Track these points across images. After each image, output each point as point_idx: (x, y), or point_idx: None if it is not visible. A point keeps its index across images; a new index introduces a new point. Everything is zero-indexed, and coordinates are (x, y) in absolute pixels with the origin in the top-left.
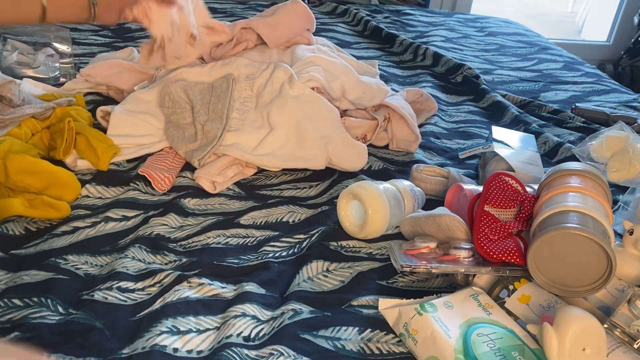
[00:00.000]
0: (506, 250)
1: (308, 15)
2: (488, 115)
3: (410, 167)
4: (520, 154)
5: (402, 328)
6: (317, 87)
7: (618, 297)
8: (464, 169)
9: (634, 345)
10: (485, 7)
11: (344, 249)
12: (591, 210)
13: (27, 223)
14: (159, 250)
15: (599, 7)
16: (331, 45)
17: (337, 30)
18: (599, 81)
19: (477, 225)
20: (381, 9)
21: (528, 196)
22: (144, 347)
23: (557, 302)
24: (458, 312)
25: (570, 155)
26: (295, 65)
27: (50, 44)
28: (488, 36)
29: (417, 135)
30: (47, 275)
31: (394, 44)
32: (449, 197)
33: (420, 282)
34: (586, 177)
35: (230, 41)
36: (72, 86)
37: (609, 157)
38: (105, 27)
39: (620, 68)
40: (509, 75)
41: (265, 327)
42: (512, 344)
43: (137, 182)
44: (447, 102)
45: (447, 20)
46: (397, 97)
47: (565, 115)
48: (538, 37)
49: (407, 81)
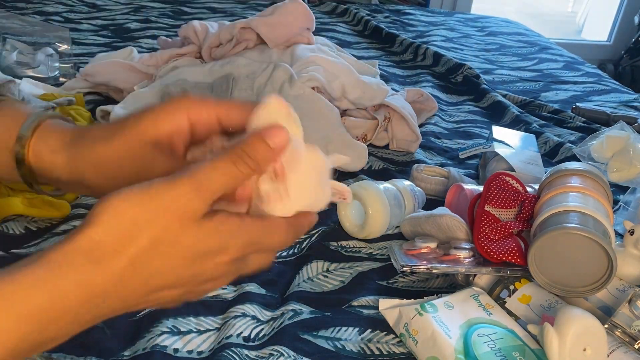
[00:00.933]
0: (507, 250)
1: (308, 15)
2: (488, 115)
3: (410, 167)
4: (520, 153)
5: (402, 328)
6: (317, 86)
7: (619, 297)
8: (464, 168)
9: (634, 346)
10: (485, 6)
11: (344, 249)
12: (592, 210)
13: (28, 222)
14: None
15: (599, 6)
16: (331, 45)
17: (337, 30)
18: (600, 81)
19: (478, 225)
20: (381, 8)
21: (529, 196)
22: (144, 347)
23: (558, 302)
24: (458, 312)
25: (570, 155)
26: (295, 64)
27: (50, 44)
28: (488, 36)
29: (418, 135)
30: None
31: (394, 44)
32: (450, 197)
33: (421, 282)
34: (587, 177)
35: (229, 41)
36: (72, 86)
37: (609, 157)
38: (105, 27)
39: (620, 68)
40: (509, 75)
41: (265, 328)
42: (512, 344)
43: None
44: (448, 102)
45: (448, 20)
46: (398, 96)
47: (565, 115)
48: (538, 37)
49: (407, 81)
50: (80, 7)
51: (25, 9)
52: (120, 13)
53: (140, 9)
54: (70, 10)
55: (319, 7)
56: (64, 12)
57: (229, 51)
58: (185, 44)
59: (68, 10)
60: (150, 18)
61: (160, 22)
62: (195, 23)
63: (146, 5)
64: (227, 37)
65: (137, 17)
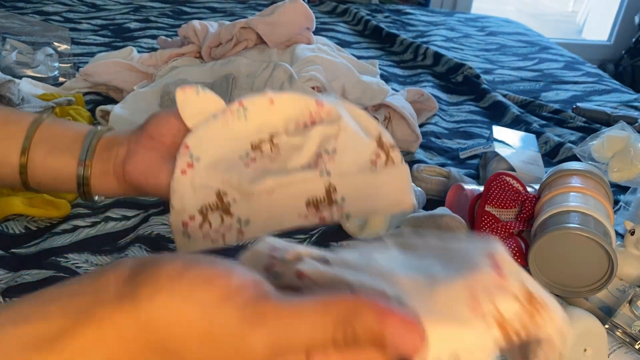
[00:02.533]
0: (507, 250)
1: (307, 14)
2: (489, 115)
3: (410, 167)
4: (521, 153)
5: None
6: (317, 86)
7: (619, 297)
8: (464, 168)
9: (635, 346)
10: (485, 6)
11: None
12: (592, 210)
13: (27, 222)
14: (159, 251)
15: (599, 6)
16: (331, 44)
17: (337, 30)
18: (600, 81)
19: (478, 226)
20: (381, 8)
21: (529, 196)
22: None
23: (558, 302)
24: None
25: (571, 155)
26: (295, 64)
27: (50, 44)
28: (489, 36)
29: (418, 135)
30: (47, 274)
31: (394, 44)
32: (450, 197)
33: None
34: (587, 177)
35: (229, 40)
36: (72, 85)
37: (610, 157)
38: (105, 28)
39: (621, 68)
40: (509, 75)
41: None
42: None
43: None
44: (448, 101)
45: (448, 20)
46: (398, 96)
47: (566, 115)
48: (539, 37)
49: (408, 81)
50: (79, 6)
51: (25, 9)
52: (119, 13)
53: (140, 9)
54: (69, 10)
55: (319, 6)
56: (63, 12)
57: (228, 51)
58: (185, 43)
59: (67, 10)
60: (150, 18)
61: (160, 22)
62: (195, 23)
63: (146, 5)
64: (227, 36)
65: (136, 16)
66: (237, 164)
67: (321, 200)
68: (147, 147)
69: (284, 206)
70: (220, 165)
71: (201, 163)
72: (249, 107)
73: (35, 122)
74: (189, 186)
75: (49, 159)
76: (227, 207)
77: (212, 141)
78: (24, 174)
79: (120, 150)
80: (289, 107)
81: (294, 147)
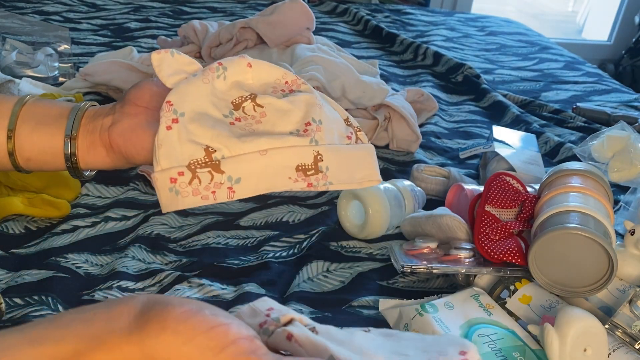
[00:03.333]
0: (507, 250)
1: (307, 14)
2: (489, 115)
3: (410, 167)
4: (521, 153)
5: (402, 328)
6: (317, 86)
7: (619, 297)
8: (464, 168)
9: (635, 346)
10: (486, 6)
11: (344, 249)
12: (592, 210)
13: (27, 222)
14: (159, 250)
15: (599, 6)
16: (331, 44)
17: (337, 30)
18: (600, 81)
19: (478, 225)
20: (381, 8)
21: (529, 196)
22: None
23: (558, 302)
24: (459, 312)
25: (571, 155)
26: (295, 64)
27: (50, 44)
28: (489, 35)
29: (418, 135)
30: (47, 274)
31: (394, 44)
32: (450, 197)
33: (421, 283)
34: (587, 177)
35: (229, 40)
36: (72, 85)
37: (610, 157)
38: (105, 29)
39: (621, 68)
40: (509, 75)
41: None
42: (513, 344)
43: (137, 182)
44: (448, 101)
45: (448, 20)
46: (398, 96)
47: (566, 115)
48: (539, 37)
49: (408, 81)
50: (79, 6)
51: (25, 9)
52: (119, 13)
53: (140, 9)
54: (69, 10)
55: (319, 6)
56: (63, 12)
57: (228, 51)
58: (185, 43)
59: (67, 10)
60: (150, 18)
61: (159, 22)
62: (195, 22)
63: (146, 5)
64: (227, 36)
65: (136, 16)
66: (223, 121)
67: (309, 167)
68: (131, 114)
69: (276, 167)
70: (205, 122)
71: (186, 118)
72: (229, 67)
73: (20, 102)
74: (175, 141)
75: (34, 135)
76: (217, 164)
77: (195, 98)
78: (12, 152)
79: (105, 120)
80: (265, 73)
81: (281, 111)
